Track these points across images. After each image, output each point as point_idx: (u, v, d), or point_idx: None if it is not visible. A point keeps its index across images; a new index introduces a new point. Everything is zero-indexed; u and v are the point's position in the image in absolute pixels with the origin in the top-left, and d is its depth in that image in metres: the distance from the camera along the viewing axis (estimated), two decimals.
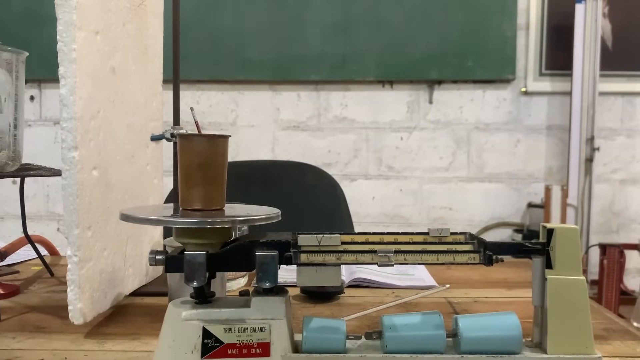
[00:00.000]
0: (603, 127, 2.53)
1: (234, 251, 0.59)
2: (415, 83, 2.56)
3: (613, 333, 0.73)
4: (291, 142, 2.60)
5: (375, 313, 0.81)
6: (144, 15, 0.88)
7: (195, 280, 0.57)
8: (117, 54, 0.79)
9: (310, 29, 2.50)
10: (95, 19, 0.72)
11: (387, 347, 0.58)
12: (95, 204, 0.72)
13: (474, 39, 2.47)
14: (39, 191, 2.65)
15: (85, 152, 0.70)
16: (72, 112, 0.67)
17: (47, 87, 2.63)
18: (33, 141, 2.56)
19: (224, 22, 2.52)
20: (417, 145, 2.58)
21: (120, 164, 0.81)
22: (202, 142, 0.62)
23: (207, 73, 2.55)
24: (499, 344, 0.58)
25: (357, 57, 2.50)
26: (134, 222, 0.58)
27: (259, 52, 2.52)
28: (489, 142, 2.57)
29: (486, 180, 2.58)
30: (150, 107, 0.93)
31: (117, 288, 0.80)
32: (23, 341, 0.70)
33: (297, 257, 0.58)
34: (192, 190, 0.61)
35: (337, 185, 1.53)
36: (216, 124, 2.60)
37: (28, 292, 0.93)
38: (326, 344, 0.58)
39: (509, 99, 2.56)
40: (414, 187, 2.58)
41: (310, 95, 2.59)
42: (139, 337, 0.71)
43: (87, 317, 0.70)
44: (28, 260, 1.16)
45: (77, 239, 0.68)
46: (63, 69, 0.67)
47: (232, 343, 0.57)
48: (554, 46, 2.52)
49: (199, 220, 0.57)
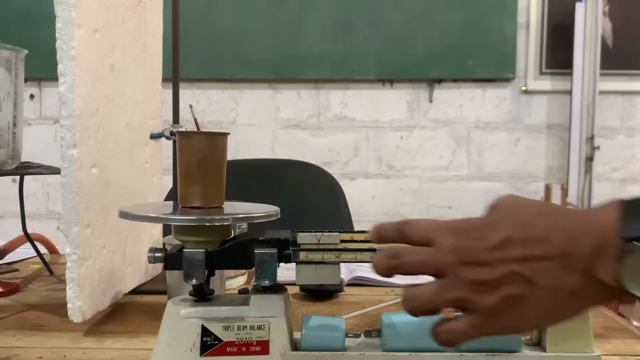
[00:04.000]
0: (603, 126, 2.52)
1: (233, 249, 0.59)
2: (415, 82, 2.55)
3: (612, 332, 0.73)
4: (291, 141, 2.60)
5: (374, 311, 0.81)
6: (143, 13, 0.88)
7: (194, 278, 0.57)
8: (116, 52, 0.79)
9: (310, 27, 2.50)
10: (94, 16, 0.72)
11: (386, 345, 0.58)
12: (94, 202, 0.72)
13: (474, 38, 2.47)
14: (39, 190, 2.65)
15: (84, 150, 0.69)
16: (71, 109, 0.67)
17: (47, 85, 2.62)
18: (33, 140, 2.56)
19: (224, 20, 2.51)
20: (417, 144, 2.58)
21: (120, 161, 0.81)
22: (201, 140, 0.62)
23: (206, 71, 2.55)
24: (498, 342, 0.58)
25: (357, 56, 2.50)
26: (133, 220, 0.58)
27: (259, 50, 2.51)
28: (489, 141, 2.57)
29: (486, 179, 2.58)
30: (150, 105, 0.93)
31: (116, 286, 0.80)
32: (22, 339, 0.70)
33: (297, 255, 0.58)
34: (192, 188, 0.61)
35: (336, 184, 1.53)
36: (216, 122, 2.60)
37: (27, 290, 0.93)
38: (325, 342, 0.58)
39: (509, 98, 2.56)
40: (414, 186, 2.57)
41: (310, 94, 2.59)
42: (138, 335, 0.71)
43: (86, 315, 0.70)
44: (27, 259, 1.16)
45: (76, 236, 0.68)
46: (62, 66, 0.67)
47: (231, 341, 0.57)
48: (554, 45, 2.52)
49: (198, 217, 0.57)
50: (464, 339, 0.45)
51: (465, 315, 0.44)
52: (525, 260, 0.42)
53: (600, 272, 0.41)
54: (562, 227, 0.43)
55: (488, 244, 0.43)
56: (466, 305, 0.44)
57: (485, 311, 0.43)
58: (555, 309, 0.43)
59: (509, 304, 0.43)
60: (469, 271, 0.43)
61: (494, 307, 0.43)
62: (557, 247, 0.42)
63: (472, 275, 0.43)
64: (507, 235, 0.43)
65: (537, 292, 0.42)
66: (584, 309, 0.44)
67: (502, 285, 0.43)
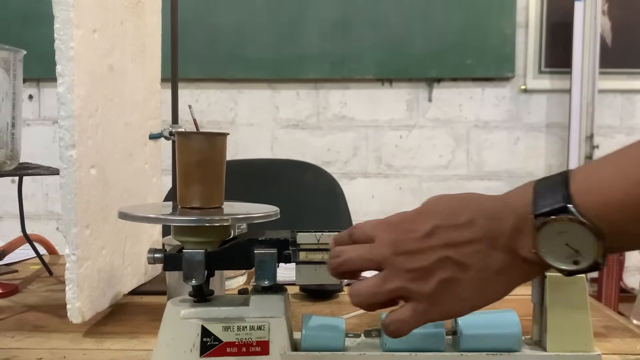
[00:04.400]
0: (602, 124, 2.52)
1: (233, 249, 0.59)
2: (414, 81, 2.55)
3: (612, 330, 0.73)
4: (290, 141, 2.60)
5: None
6: (142, 13, 0.88)
7: (194, 278, 0.57)
8: (114, 52, 0.79)
9: (309, 27, 2.50)
10: (93, 16, 0.72)
11: (386, 345, 0.58)
12: (93, 203, 0.72)
13: (473, 37, 2.47)
14: (38, 190, 2.65)
15: (83, 151, 0.69)
16: (70, 110, 0.67)
17: (46, 86, 2.62)
18: (32, 140, 2.56)
19: (223, 20, 2.51)
20: (416, 144, 2.58)
21: (119, 162, 0.81)
22: (200, 140, 0.62)
23: (205, 71, 2.54)
24: (499, 342, 0.58)
25: (356, 56, 2.50)
26: (133, 221, 0.58)
27: (258, 50, 2.51)
28: (489, 140, 2.57)
29: (485, 178, 2.58)
30: (149, 105, 0.93)
31: (116, 287, 0.80)
32: (21, 340, 0.70)
33: (296, 255, 0.58)
34: (191, 188, 0.61)
35: (336, 183, 1.53)
36: (215, 122, 2.60)
37: (26, 291, 0.93)
38: (325, 342, 0.58)
39: (509, 97, 2.56)
40: (413, 186, 2.57)
41: (309, 93, 2.58)
42: (138, 335, 0.71)
43: (86, 316, 0.70)
44: (27, 260, 1.16)
45: (75, 237, 0.68)
46: (60, 67, 0.67)
47: (231, 341, 0.57)
48: (553, 44, 2.52)
49: (198, 218, 0.57)
50: (409, 326, 0.47)
51: (407, 304, 0.47)
52: (454, 245, 0.45)
53: (521, 249, 0.44)
54: (485, 211, 0.46)
55: (418, 233, 0.46)
56: (406, 294, 0.47)
57: (425, 297, 0.46)
58: (487, 288, 0.46)
59: (445, 287, 0.46)
60: (404, 260, 0.46)
61: (432, 292, 0.46)
62: (481, 230, 0.45)
63: (407, 264, 0.46)
64: (435, 225, 0.46)
65: (468, 273, 0.45)
66: (514, 285, 0.47)
67: (436, 271, 0.46)
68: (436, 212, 0.47)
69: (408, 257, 0.46)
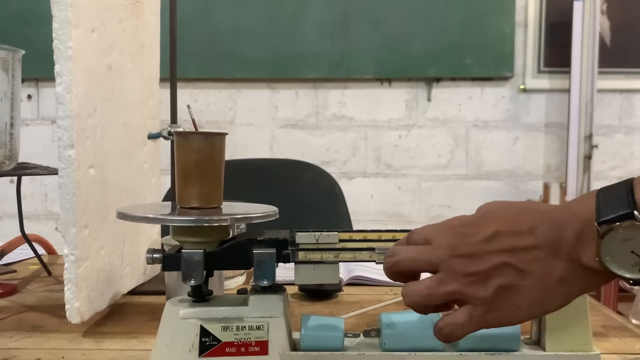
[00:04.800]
0: (601, 124, 2.53)
1: (232, 249, 0.59)
2: (413, 81, 2.55)
3: (611, 330, 0.73)
4: (289, 141, 2.60)
5: (373, 311, 0.81)
6: (140, 12, 0.88)
7: (192, 278, 0.57)
8: (113, 52, 0.78)
9: (308, 26, 2.50)
10: (91, 16, 0.72)
11: (385, 345, 0.58)
12: (92, 203, 0.72)
13: (472, 37, 2.47)
14: (37, 190, 2.65)
15: (81, 151, 0.69)
16: (68, 110, 0.67)
17: (45, 86, 2.62)
18: (30, 140, 2.55)
19: (222, 19, 2.51)
20: (415, 143, 2.58)
21: (117, 162, 0.80)
22: (199, 140, 0.61)
23: (204, 71, 2.54)
24: (498, 341, 0.58)
25: (355, 55, 2.50)
26: (131, 221, 0.58)
27: (257, 50, 2.51)
28: (488, 140, 2.57)
29: (485, 178, 2.58)
30: (147, 105, 0.93)
31: (115, 287, 0.80)
32: (20, 340, 0.70)
33: (295, 255, 0.58)
34: (190, 188, 0.61)
35: (335, 183, 1.53)
36: (214, 122, 2.60)
37: (25, 292, 0.93)
38: (324, 341, 0.58)
39: (508, 97, 2.56)
40: (412, 185, 2.57)
41: (308, 93, 2.58)
42: (137, 335, 0.71)
43: (85, 316, 0.70)
44: (25, 260, 1.15)
45: (74, 237, 0.68)
46: (59, 66, 0.67)
47: (230, 341, 0.57)
48: (552, 43, 2.52)
49: (196, 218, 0.57)
50: (463, 331, 0.46)
51: (463, 308, 0.46)
52: (515, 250, 0.44)
53: (584, 257, 0.43)
54: (546, 219, 0.45)
55: (478, 237, 0.45)
56: (462, 298, 0.46)
57: (482, 302, 0.45)
58: (547, 297, 0.45)
59: (503, 294, 0.44)
60: (462, 263, 0.45)
61: (489, 298, 0.45)
62: (543, 237, 0.44)
63: (464, 268, 0.45)
64: (496, 230, 0.45)
65: (528, 281, 0.44)
66: (574, 296, 0.46)
67: (495, 276, 0.44)
68: (497, 218, 0.46)
69: (466, 260, 0.45)
